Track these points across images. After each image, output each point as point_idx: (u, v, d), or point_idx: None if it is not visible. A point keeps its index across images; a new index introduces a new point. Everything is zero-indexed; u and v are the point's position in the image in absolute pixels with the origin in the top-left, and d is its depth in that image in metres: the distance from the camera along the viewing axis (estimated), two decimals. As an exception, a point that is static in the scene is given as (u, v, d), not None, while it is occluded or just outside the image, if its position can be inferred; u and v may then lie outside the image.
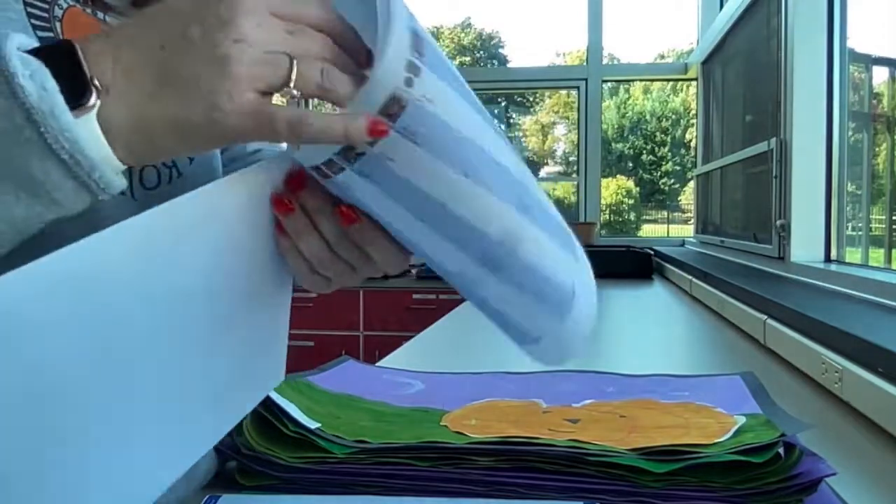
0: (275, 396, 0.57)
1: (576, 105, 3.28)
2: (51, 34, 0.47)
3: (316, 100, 0.37)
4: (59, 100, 0.31)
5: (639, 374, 0.81)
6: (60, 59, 0.32)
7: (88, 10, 0.53)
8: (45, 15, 0.48)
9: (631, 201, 11.17)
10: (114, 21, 0.55)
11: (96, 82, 0.32)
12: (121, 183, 0.35)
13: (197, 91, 0.32)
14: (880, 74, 1.79)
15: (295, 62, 0.33)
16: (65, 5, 0.50)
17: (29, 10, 0.47)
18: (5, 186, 0.32)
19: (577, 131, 3.24)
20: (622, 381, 0.78)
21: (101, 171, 0.33)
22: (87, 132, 0.32)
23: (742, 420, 0.57)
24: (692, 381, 0.76)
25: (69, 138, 0.32)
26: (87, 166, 0.32)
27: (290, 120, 0.34)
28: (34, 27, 0.47)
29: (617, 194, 10.73)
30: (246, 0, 0.33)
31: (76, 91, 0.32)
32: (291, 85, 0.34)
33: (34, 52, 0.32)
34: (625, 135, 11.64)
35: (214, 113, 0.32)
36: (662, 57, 9.63)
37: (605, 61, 3.23)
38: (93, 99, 0.32)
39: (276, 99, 0.35)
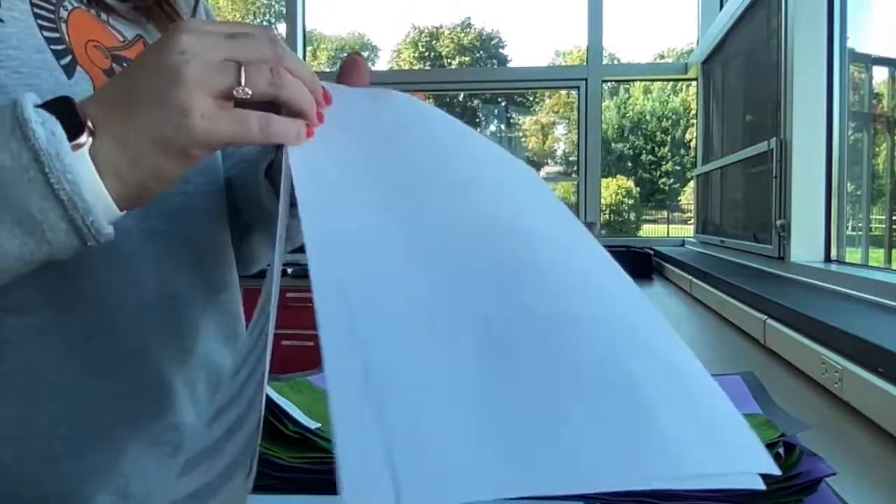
0: (274, 396, 0.56)
1: (576, 105, 3.28)
2: (56, 34, 0.48)
3: None
4: (66, 145, 0.35)
5: None
6: (59, 105, 0.36)
7: (93, 12, 0.53)
8: (52, 16, 0.49)
9: (631, 201, 11.18)
10: (116, 23, 0.55)
11: (89, 123, 0.36)
12: (110, 232, 0.38)
13: (160, 104, 0.36)
14: (880, 74, 1.79)
15: (242, 65, 0.37)
16: (70, 7, 0.51)
17: (35, 10, 0.48)
18: (4, 222, 0.35)
19: (577, 131, 3.24)
20: None
21: (95, 216, 0.36)
22: (85, 172, 0.36)
23: None
24: None
25: (70, 180, 0.35)
26: (83, 210, 0.36)
27: (259, 120, 0.38)
28: (40, 27, 0.47)
29: (617, 194, 10.73)
30: (185, 22, 0.38)
31: (72, 132, 0.36)
32: (242, 84, 0.37)
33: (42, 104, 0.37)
34: (625, 135, 11.65)
35: (182, 120, 0.36)
36: (662, 57, 9.63)
37: (605, 61, 3.23)
38: (84, 137, 0.36)
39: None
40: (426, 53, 12.92)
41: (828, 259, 1.60)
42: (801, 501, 0.47)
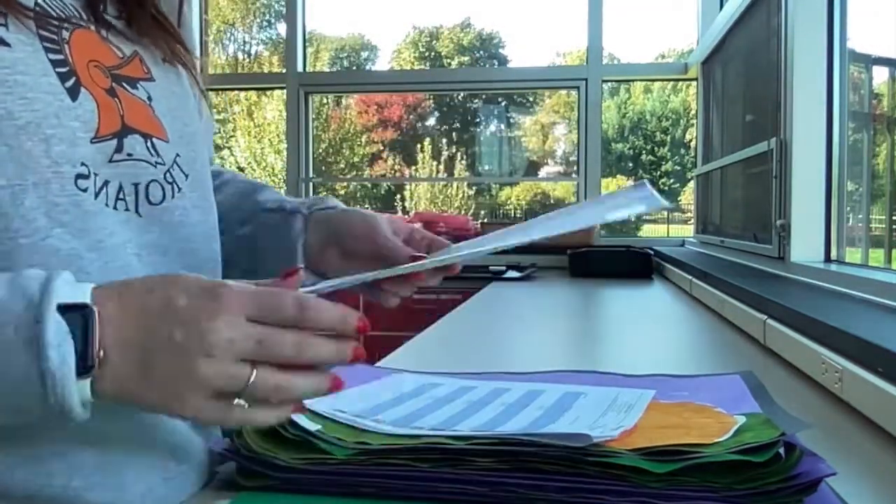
0: None
1: (576, 105, 3.27)
2: (61, 56, 0.49)
3: None
4: (73, 377, 0.39)
5: (638, 374, 0.81)
6: (77, 321, 0.39)
7: (92, 28, 0.53)
8: (55, 37, 0.50)
9: (631, 201, 11.14)
10: (114, 39, 0.55)
11: (100, 353, 0.40)
12: (85, 417, 0.41)
13: (165, 388, 0.40)
14: (880, 74, 1.79)
15: (253, 375, 0.41)
16: (72, 26, 0.51)
17: (41, 32, 0.49)
18: None
19: (577, 131, 3.24)
20: (622, 381, 0.78)
21: (77, 413, 0.40)
22: (80, 393, 0.40)
23: (742, 420, 0.57)
24: (692, 381, 0.76)
25: (66, 403, 0.39)
26: (67, 408, 0.40)
27: (239, 413, 0.43)
28: (45, 49, 0.48)
29: (617, 194, 10.70)
30: (224, 312, 0.41)
31: (82, 357, 0.39)
32: (244, 392, 0.41)
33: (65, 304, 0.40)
34: (625, 135, 11.64)
35: (173, 405, 0.41)
36: (662, 57, 9.62)
37: (605, 61, 3.23)
38: (92, 371, 0.40)
39: None
40: (426, 53, 12.90)
41: (828, 259, 1.60)
42: (802, 501, 0.47)
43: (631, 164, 11.59)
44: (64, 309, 0.39)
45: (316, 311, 0.43)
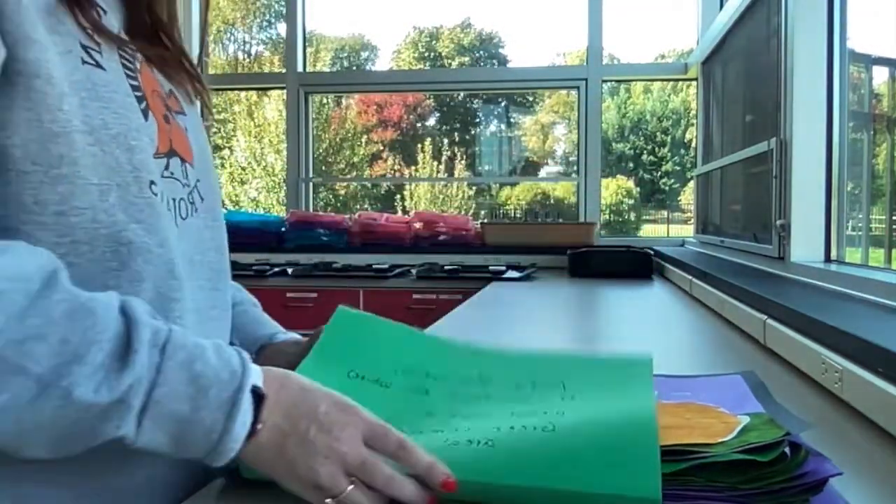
0: None
1: (576, 105, 3.28)
2: (136, 82, 0.58)
3: None
4: (242, 440, 0.50)
5: None
6: (256, 398, 0.51)
7: (149, 65, 0.62)
8: (132, 66, 0.59)
9: (631, 201, 11.17)
10: (159, 76, 0.64)
11: (258, 427, 0.51)
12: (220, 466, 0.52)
13: (287, 467, 0.51)
14: (880, 74, 1.79)
15: (349, 489, 0.50)
16: (140, 59, 0.61)
17: (122, 60, 0.57)
18: (170, 447, 0.49)
19: (577, 131, 3.24)
20: None
21: (217, 463, 0.51)
22: (231, 455, 0.50)
23: (746, 419, 0.57)
24: (693, 381, 0.76)
25: (223, 457, 0.50)
26: (211, 461, 0.51)
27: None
28: (126, 75, 0.57)
29: (617, 194, 10.72)
30: (352, 427, 0.51)
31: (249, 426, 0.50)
32: (333, 500, 0.50)
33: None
34: (625, 135, 11.64)
35: (289, 482, 0.51)
36: (662, 57, 9.62)
37: (605, 61, 3.23)
38: (254, 437, 0.51)
39: None
40: (426, 53, 12.90)
41: (828, 259, 1.60)
42: (808, 501, 0.47)
43: (631, 164, 11.59)
44: (253, 389, 0.51)
45: (413, 453, 0.52)
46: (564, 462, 0.49)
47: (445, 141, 11.23)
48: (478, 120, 12.43)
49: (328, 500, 0.50)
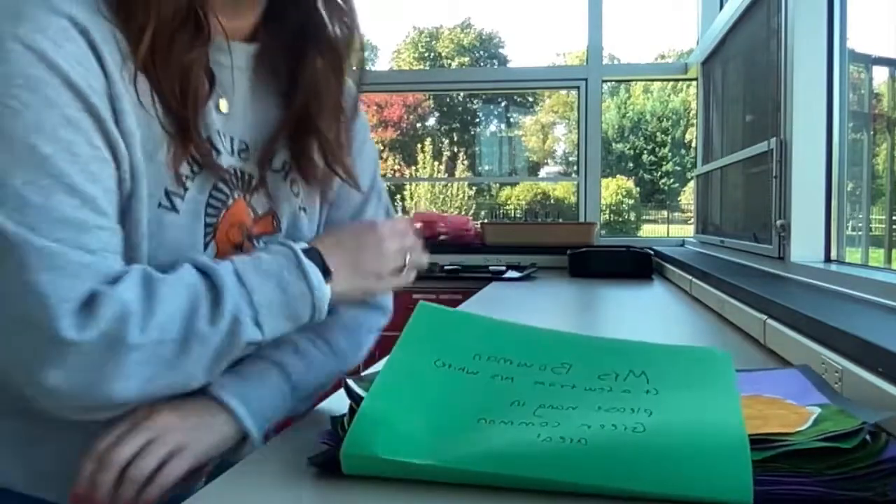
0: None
1: (576, 105, 3.28)
2: (214, 220, 0.69)
3: None
4: (324, 286, 0.67)
5: None
6: (315, 255, 0.68)
7: (242, 198, 0.74)
8: (220, 206, 0.70)
9: (631, 201, 11.17)
10: (252, 201, 0.75)
11: (332, 269, 0.69)
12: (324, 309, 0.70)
13: (372, 276, 0.73)
14: (880, 74, 1.79)
15: (408, 256, 0.76)
16: (236, 196, 0.73)
17: (211, 200, 0.69)
18: (285, 319, 0.65)
19: (577, 131, 3.25)
20: None
21: (323, 308, 0.69)
22: (327, 293, 0.68)
23: (816, 410, 0.58)
24: (749, 375, 0.76)
25: (320, 302, 0.67)
26: (321, 308, 0.68)
27: (406, 280, 0.79)
28: (206, 214, 0.68)
29: (617, 194, 10.72)
30: (391, 238, 0.75)
31: (324, 272, 0.68)
32: (406, 266, 0.77)
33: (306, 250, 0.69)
34: (625, 135, 11.64)
35: (378, 284, 0.75)
36: (662, 57, 9.62)
37: (605, 61, 3.23)
38: (328, 280, 0.68)
39: None
40: (426, 54, 12.90)
41: (828, 259, 1.60)
42: (888, 485, 0.49)
43: (631, 165, 11.58)
44: (304, 252, 0.67)
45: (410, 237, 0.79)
46: (656, 466, 0.50)
47: (445, 141, 11.24)
48: (478, 120, 12.43)
49: (403, 269, 0.75)
